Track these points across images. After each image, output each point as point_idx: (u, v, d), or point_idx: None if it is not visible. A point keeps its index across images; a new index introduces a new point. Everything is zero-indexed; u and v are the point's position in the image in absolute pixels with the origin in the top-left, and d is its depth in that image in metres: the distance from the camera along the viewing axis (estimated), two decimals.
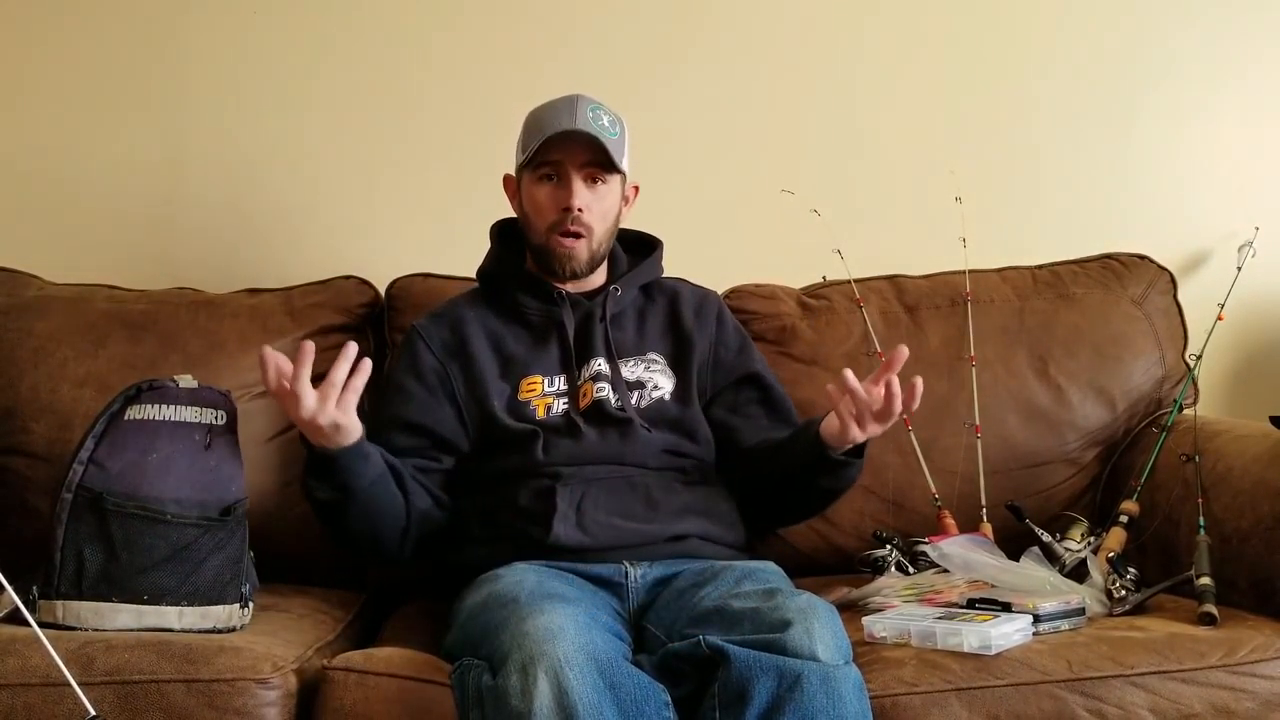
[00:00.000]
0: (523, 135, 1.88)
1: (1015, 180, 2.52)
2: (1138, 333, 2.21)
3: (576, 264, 1.86)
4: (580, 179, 1.82)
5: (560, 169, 1.83)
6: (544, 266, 1.88)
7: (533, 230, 1.88)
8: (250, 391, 2.06)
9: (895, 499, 2.10)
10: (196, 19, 2.44)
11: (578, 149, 1.81)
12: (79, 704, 1.32)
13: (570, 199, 1.81)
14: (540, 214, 1.85)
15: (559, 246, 1.84)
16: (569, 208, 1.82)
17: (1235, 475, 1.88)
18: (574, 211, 1.82)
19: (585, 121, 1.80)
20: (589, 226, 1.84)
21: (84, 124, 2.43)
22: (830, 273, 2.29)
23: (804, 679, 1.38)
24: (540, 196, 1.85)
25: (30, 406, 2.03)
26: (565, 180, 1.82)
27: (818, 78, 2.51)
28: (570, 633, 1.40)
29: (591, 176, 1.83)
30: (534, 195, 1.86)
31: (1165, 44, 2.54)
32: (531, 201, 1.86)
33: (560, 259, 1.85)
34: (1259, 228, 2.38)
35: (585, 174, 1.83)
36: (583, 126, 1.79)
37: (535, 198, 1.85)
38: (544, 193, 1.84)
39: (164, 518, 1.63)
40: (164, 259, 2.41)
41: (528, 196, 1.87)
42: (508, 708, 1.36)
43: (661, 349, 1.94)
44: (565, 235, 1.83)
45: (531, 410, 1.85)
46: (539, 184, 1.85)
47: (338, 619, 1.85)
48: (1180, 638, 1.62)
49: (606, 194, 1.86)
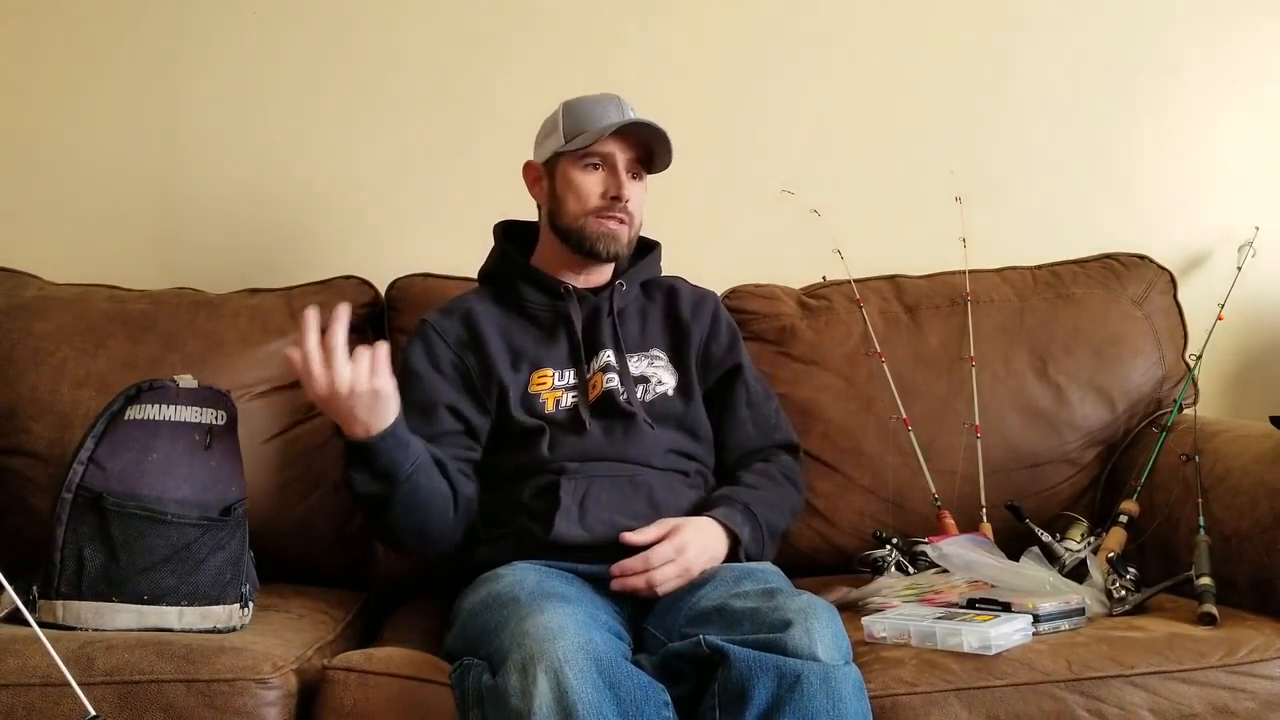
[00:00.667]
0: (566, 123, 1.88)
1: (1015, 180, 2.52)
2: (1137, 333, 2.21)
3: (617, 246, 1.88)
4: (626, 172, 1.86)
5: (610, 160, 1.86)
6: (576, 248, 1.89)
7: (567, 214, 1.88)
8: (250, 391, 2.07)
9: (895, 499, 2.10)
10: (196, 19, 2.44)
11: (629, 142, 1.86)
12: (79, 704, 1.32)
13: (621, 189, 1.85)
14: (582, 199, 1.87)
15: (602, 226, 1.87)
16: (620, 196, 1.85)
17: (1235, 475, 1.88)
18: (623, 200, 1.85)
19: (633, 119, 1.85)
20: (631, 216, 1.88)
21: (84, 124, 2.43)
22: (830, 273, 2.29)
23: (804, 679, 1.38)
24: (587, 182, 1.87)
25: (30, 406, 2.03)
26: (614, 171, 1.86)
27: (818, 77, 2.51)
28: (570, 632, 1.40)
29: (635, 172, 1.89)
30: (577, 180, 1.87)
31: (1165, 44, 2.54)
32: (572, 186, 1.87)
33: (604, 238, 1.87)
34: (1259, 228, 2.37)
35: (631, 169, 1.87)
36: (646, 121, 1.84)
37: (579, 183, 1.87)
38: (591, 179, 1.87)
39: (164, 518, 1.63)
40: (164, 259, 2.41)
41: (566, 181, 1.88)
42: (507, 707, 1.36)
43: (663, 344, 1.95)
44: (610, 218, 1.86)
45: (541, 404, 1.85)
46: (585, 171, 1.87)
47: (338, 619, 1.85)
48: (1180, 638, 1.62)
49: (642, 189, 1.91)
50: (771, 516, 1.82)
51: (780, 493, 1.89)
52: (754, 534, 1.77)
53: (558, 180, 1.89)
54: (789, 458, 1.97)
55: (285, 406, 2.10)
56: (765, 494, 1.85)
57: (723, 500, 1.80)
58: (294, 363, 1.57)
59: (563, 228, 1.89)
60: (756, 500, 1.81)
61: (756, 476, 1.88)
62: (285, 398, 2.10)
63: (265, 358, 2.11)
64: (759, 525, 1.78)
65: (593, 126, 1.84)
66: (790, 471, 1.95)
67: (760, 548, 1.78)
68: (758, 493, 1.84)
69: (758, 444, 1.95)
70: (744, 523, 1.76)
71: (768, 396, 2.01)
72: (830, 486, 2.12)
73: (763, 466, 1.92)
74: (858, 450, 2.12)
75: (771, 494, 1.86)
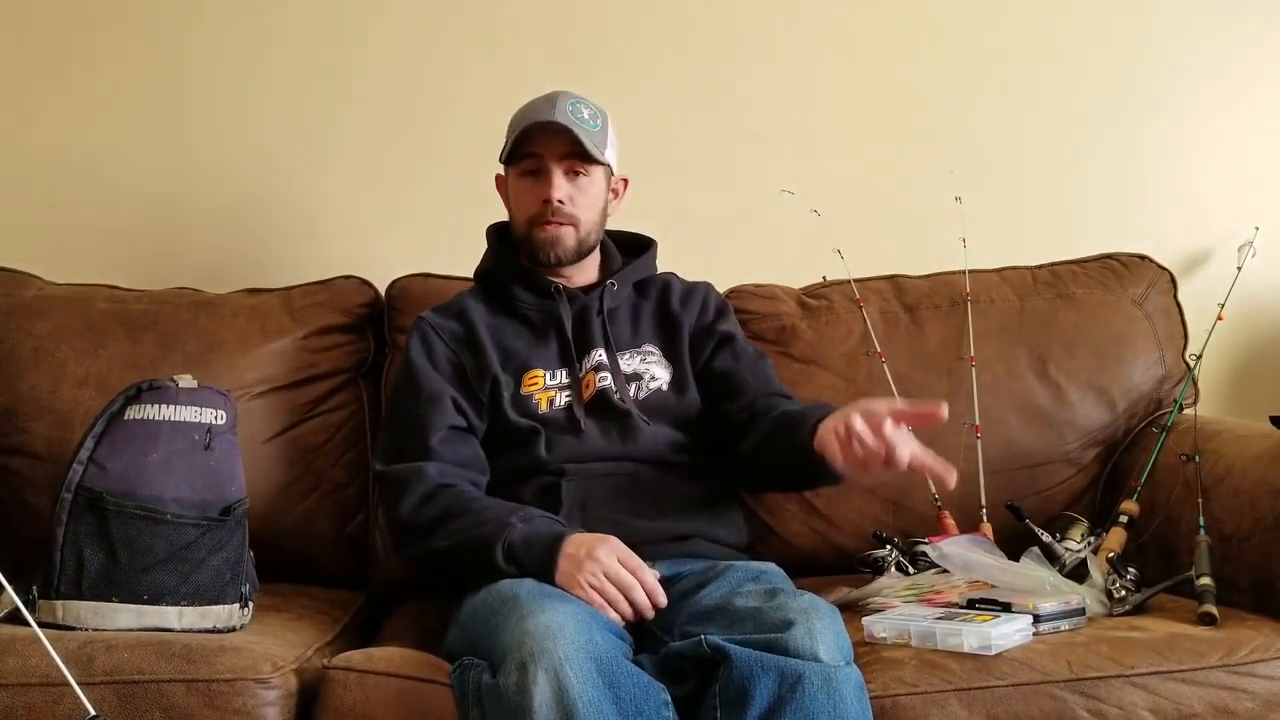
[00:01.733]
0: (508, 132, 1.89)
1: (1015, 180, 2.52)
2: (1138, 333, 2.21)
3: (561, 250, 1.87)
4: (560, 171, 1.84)
5: (541, 162, 1.85)
6: (530, 258, 1.89)
7: (516, 224, 1.91)
8: (250, 391, 2.07)
9: (895, 499, 2.10)
10: (197, 19, 2.44)
11: (556, 141, 1.83)
12: (79, 704, 1.32)
13: (549, 190, 1.83)
14: (521, 207, 1.88)
15: (541, 233, 1.86)
16: (548, 199, 1.83)
17: (1235, 475, 1.88)
18: (553, 203, 1.83)
19: (563, 114, 1.82)
20: (574, 217, 1.86)
21: (85, 124, 2.43)
22: (830, 273, 2.29)
23: (805, 679, 1.38)
24: (521, 190, 1.87)
25: (30, 406, 2.03)
26: (545, 173, 1.84)
27: (817, 77, 2.51)
28: (570, 631, 1.40)
29: (572, 169, 1.85)
30: (516, 189, 1.88)
31: (1166, 44, 2.54)
32: (514, 195, 1.89)
33: (544, 245, 1.86)
34: (1259, 228, 2.37)
35: (565, 166, 1.85)
36: (559, 119, 1.81)
37: (517, 191, 1.88)
38: (525, 186, 1.86)
39: (164, 518, 1.63)
40: (164, 259, 2.41)
41: (511, 191, 1.90)
42: (507, 706, 1.36)
43: (655, 339, 1.95)
44: (547, 224, 1.85)
45: (534, 404, 1.85)
46: (521, 178, 1.87)
47: (338, 619, 1.85)
48: (1180, 638, 1.62)
49: (589, 185, 1.87)
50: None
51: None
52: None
53: (509, 191, 1.91)
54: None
55: (285, 406, 2.10)
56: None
57: (820, 408, 1.69)
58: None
59: (518, 239, 1.90)
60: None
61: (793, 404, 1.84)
62: (285, 398, 2.10)
63: (265, 358, 2.11)
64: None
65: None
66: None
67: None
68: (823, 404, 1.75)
69: (765, 390, 1.91)
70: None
71: (760, 356, 1.99)
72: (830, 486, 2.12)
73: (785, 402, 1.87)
74: None
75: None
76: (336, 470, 2.11)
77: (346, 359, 2.17)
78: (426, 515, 1.72)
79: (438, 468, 1.77)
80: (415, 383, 1.86)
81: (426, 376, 1.85)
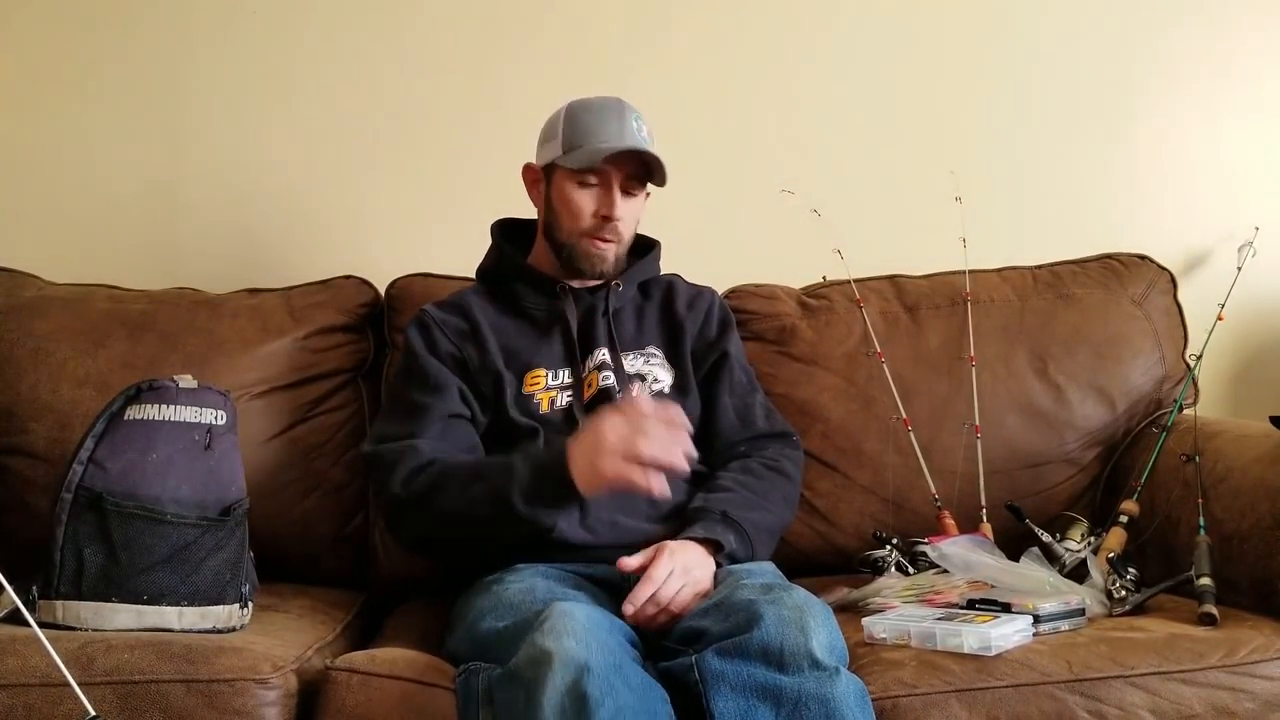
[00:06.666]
0: (565, 131, 1.87)
1: (1015, 180, 2.52)
2: (1138, 333, 2.21)
3: (606, 266, 1.88)
4: (620, 189, 1.85)
5: (605, 178, 1.84)
6: (566, 263, 1.89)
7: (561, 229, 1.88)
8: (250, 391, 2.07)
9: (895, 499, 2.10)
10: (196, 20, 2.44)
11: (626, 162, 1.84)
12: (79, 704, 1.32)
13: (613, 209, 1.84)
14: (575, 216, 1.86)
15: (593, 248, 1.86)
16: (610, 217, 1.84)
17: (1235, 475, 1.88)
18: (614, 221, 1.84)
19: (633, 135, 1.84)
20: (620, 234, 1.87)
21: (84, 124, 2.43)
22: (830, 273, 2.29)
23: (803, 704, 1.36)
24: (581, 200, 1.86)
25: (30, 406, 2.03)
26: (608, 189, 1.84)
27: (817, 77, 2.51)
28: (583, 630, 1.39)
29: (629, 188, 1.87)
30: (571, 196, 1.86)
31: (1165, 44, 2.54)
32: (566, 202, 1.87)
33: (593, 260, 1.87)
34: (1259, 228, 2.37)
35: (627, 185, 1.86)
36: (631, 142, 1.82)
37: (573, 199, 1.86)
38: (585, 197, 1.85)
39: (164, 518, 1.63)
40: (164, 259, 2.41)
41: (561, 195, 1.87)
42: (519, 703, 1.36)
43: (659, 341, 1.95)
44: (600, 240, 1.85)
45: (535, 404, 1.85)
46: (579, 188, 1.85)
47: (338, 619, 1.85)
48: (1180, 638, 1.62)
49: (637, 203, 1.89)
50: (753, 515, 1.75)
51: (762, 486, 1.82)
52: (739, 539, 1.71)
53: (553, 190, 1.89)
54: (777, 445, 1.92)
55: (285, 406, 2.10)
56: (742, 494, 1.78)
57: (697, 515, 1.73)
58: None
59: (556, 241, 1.90)
60: (733, 504, 1.75)
61: (733, 476, 1.82)
62: (285, 398, 2.10)
63: (265, 358, 2.11)
64: (740, 529, 1.72)
65: (591, 141, 1.83)
66: (774, 460, 1.88)
67: (749, 550, 1.73)
68: (733, 495, 1.77)
69: (739, 435, 1.91)
70: (725, 530, 1.70)
71: (752, 389, 1.98)
72: (830, 486, 2.12)
73: (740, 464, 1.86)
74: (858, 450, 2.12)
75: (751, 492, 1.80)
76: (336, 470, 2.11)
77: (346, 359, 2.17)
78: (420, 486, 1.71)
79: (430, 445, 1.76)
80: (415, 370, 1.85)
81: (428, 364, 1.85)
